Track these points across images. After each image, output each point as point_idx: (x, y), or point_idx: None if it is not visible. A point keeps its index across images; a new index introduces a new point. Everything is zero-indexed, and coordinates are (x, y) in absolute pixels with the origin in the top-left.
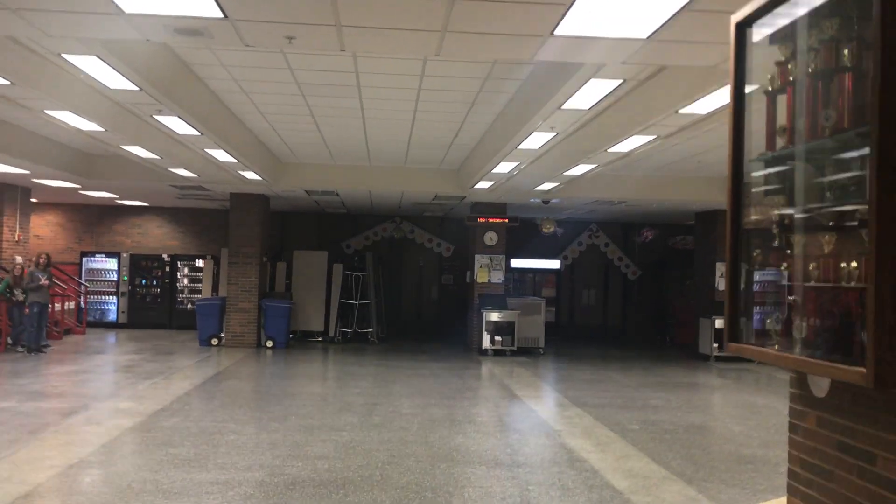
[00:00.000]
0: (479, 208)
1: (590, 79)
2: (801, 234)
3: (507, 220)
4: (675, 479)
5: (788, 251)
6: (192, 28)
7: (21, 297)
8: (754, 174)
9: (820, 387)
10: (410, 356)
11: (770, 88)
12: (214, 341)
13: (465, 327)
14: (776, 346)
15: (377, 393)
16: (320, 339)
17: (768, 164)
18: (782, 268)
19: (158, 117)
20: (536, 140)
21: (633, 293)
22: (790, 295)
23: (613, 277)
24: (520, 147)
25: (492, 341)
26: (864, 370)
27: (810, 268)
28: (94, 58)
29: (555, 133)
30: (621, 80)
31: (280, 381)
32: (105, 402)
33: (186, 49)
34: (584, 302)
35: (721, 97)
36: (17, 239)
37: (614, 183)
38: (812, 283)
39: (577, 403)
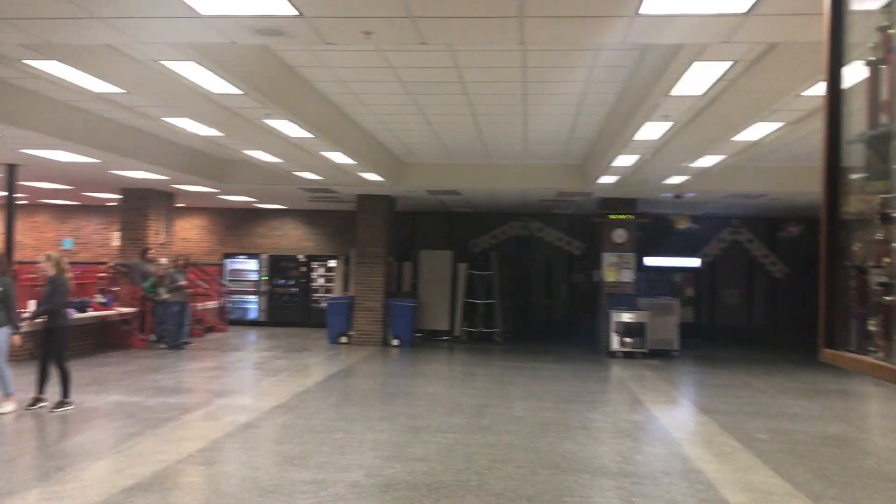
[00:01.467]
0: (607, 204)
1: (693, 62)
2: None
3: (633, 216)
4: (799, 496)
5: (894, 244)
6: (271, 28)
7: (166, 297)
8: (854, 157)
9: None
10: (534, 357)
11: (872, 58)
12: (343, 339)
13: (595, 329)
14: (881, 355)
15: (491, 394)
16: (446, 338)
17: (869, 145)
18: (884, 263)
19: (268, 121)
20: (652, 130)
21: (780, 292)
22: (890, 295)
23: (758, 276)
24: (635, 138)
25: (621, 343)
26: None
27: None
28: (193, 63)
29: (670, 122)
30: (731, 63)
31: (397, 379)
32: (226, 399)
33: (288, 52)
34: (725, 302)
35: (849, 77)
36: (161, 241)
37: (751, 175)
38: None
39: (705, 410)
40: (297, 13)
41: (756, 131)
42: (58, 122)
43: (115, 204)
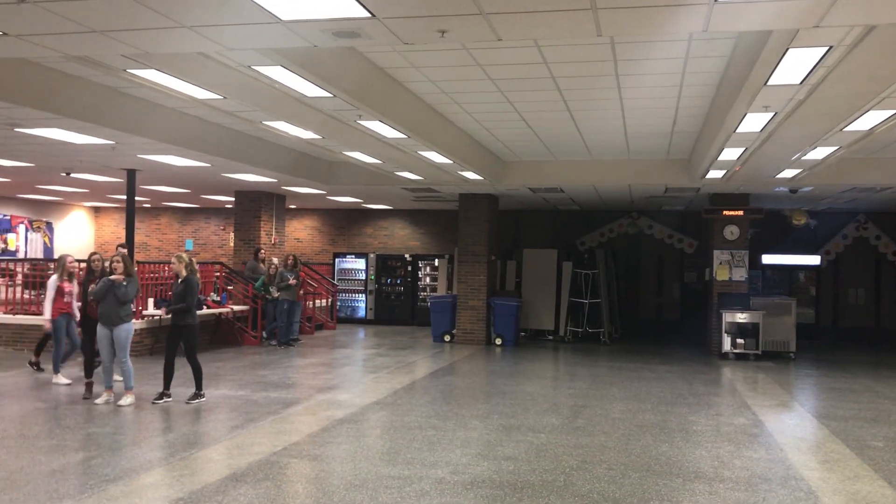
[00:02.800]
0: (717, 200)
1: (787, 49)
2: None
3: (743, 212)
4: None
5: None
6: (348, 30)
7: (276, 295)
8: None
9: None
10: (640, 358)
11: None
12: (447, 338)
13: (706, 329)
14: None
15: (590, 395)
16: (551, 337)
17: None
18: None
19: (362, 122)
20: (754, 122)
21: None
22: None
23: (887, 274)
24: (738, 131)
25: (733, 344)
26: None
27: None
28: (280, 68)
29: (772, 113)
30: (827, 47)
31: (496, 378)
32: (327, 394)
33: (375, 54)
34: (850, 301)
35: None
36: (273, 242)
37: (871, 167)
38: None
39: (816, 414)
40: (369, 14)
41: (868, 120)
42: (168, 128)
43: (230, 206)
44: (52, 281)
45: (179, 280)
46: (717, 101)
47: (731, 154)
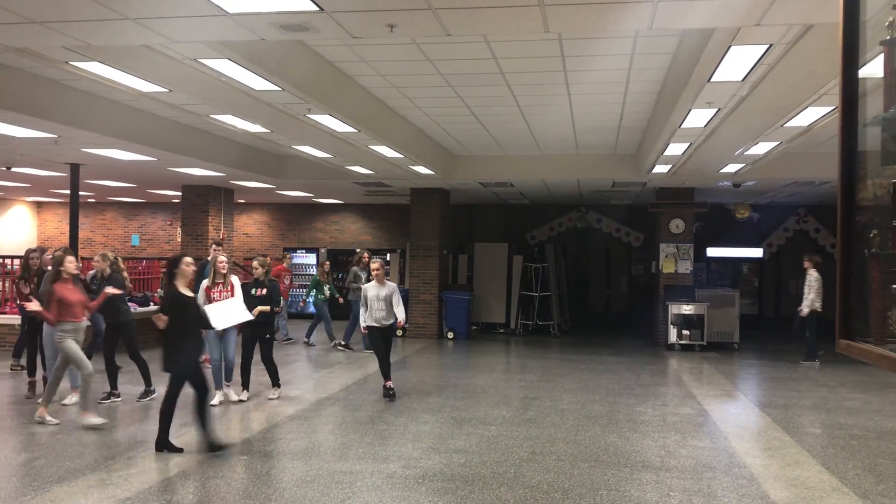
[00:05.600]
0: (663, 194)
1: (730, 46)
2: None
3: (691, 206)
4: (847, 493)
5: None
6: (296, 23)
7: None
8: (870, 140)
9: None
10: (589, 350)
11: (888, 37)
12: (399, 332)
13: (653, 321)
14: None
15: (541, 387)
16: (502, 330)
17: (884, 128)
18: None
19: (312, 116)
20: (698, 118)
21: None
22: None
23: (826, 266)
24: (683, 126)
25: (679, 335)
26: None
27: None
28: (227, 61)
29: (715, 109)
30: (767, 45)
31: (448, 371)
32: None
33: (324, 48)
34: (791, 293)
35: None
36: (221, 237)
37: (811, 162)
38: None
39: (759, 403)
40: (317, 8)
41: (807, 116)
42: (113, 121)
43: (177, 201)
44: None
45: (104, 278)
46: (662, 97)
47: (676, 149)
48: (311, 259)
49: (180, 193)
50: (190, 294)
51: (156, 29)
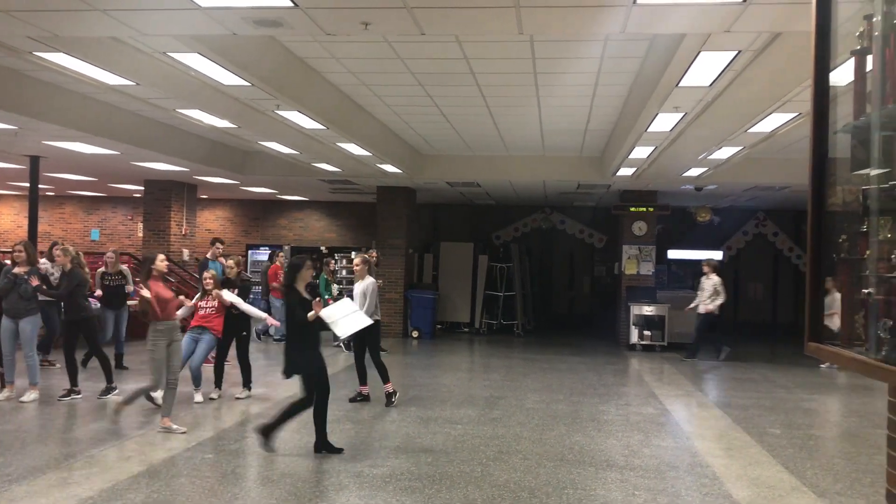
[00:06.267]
0: (626, 197)
1: (699, 52)
2: (885, 214)
3: (653, 209)
4: (806, 492)
5: (879, 237)
6: (269, 19)
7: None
8: (840, 148)
9: None
10: (552, 349)
11: (858, 47)
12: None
13: (615, 321)
14: (864, 348)
15: (505, 386)
16: (466, 330)
17: (853, 136)
18: (865, 256)
19: (280, 112)
20: (664, 122)
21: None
22: (869, 288)
23: (784, 269)
24: (649, 130)
25: (640, 336)
26: None
27: (893, 255)
28: (197, 55)
29: (682, 113)
30: (736, 52)
31: (413, 371)
32: (239, 390)
33: (295, 43)
34: (749, 295)
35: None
36: (183, 233)
37: (771, 167)
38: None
39: (719, 404)
40: (292, 4)
41: (770, 122)
42: (76, 114)
43: (139, 195)
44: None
45: (64, 273)
46: (629, 101)
47: (641, 152)
48: None
49: (142, 188)
50: (309, 297)
51: (126, 21)
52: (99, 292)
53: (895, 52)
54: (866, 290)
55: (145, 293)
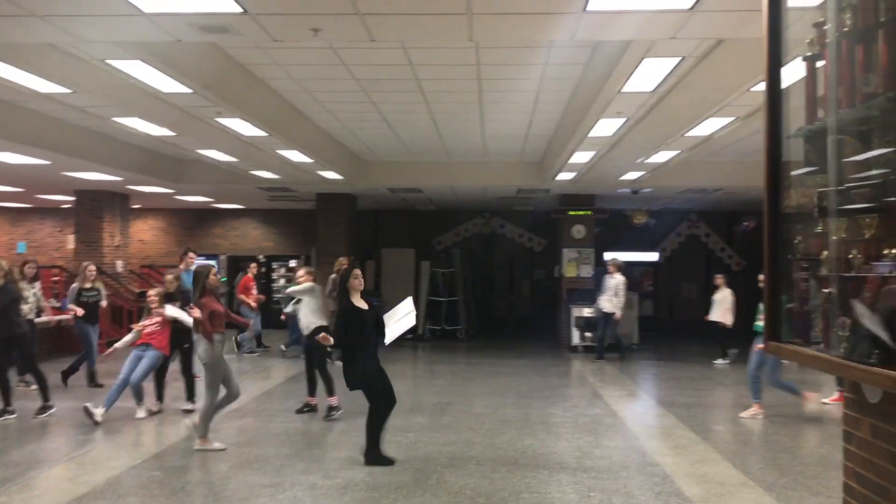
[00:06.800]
0: (566, 200)
1: (643, 58)
2: (841, 216)
3: (592, 212)
4: (754, 487)
5: (833, 237)
6: (216, 25)
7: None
8: (793, 151)
9: (874, 391)
10: (496, 353)
11: (809, 54)
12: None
13: (556, 324)
14: (821, 345)
15: (453, 392)
16: (410, 336)
17: (806, 140)
18: (822, 256)
19: (221, 120)
20: (607, 127)
21: (738, 285)
22: (828, 287)
23: (716, 269)
24: (591, 135)
25: (581, 338)
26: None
27: (851, 255)
28: (138, 62)
29: (624, 118)
30: (679, 58)
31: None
32: (186, 402)
33: (238, 50)
34: (684, 295)
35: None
36: (117, 244)
37: (705, 170)
38: (852, 273)
39: (663, 403)
40: (241, 10)
41: (708, 126)
42: (4, 122)
43: (69, 206)
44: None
45: None
46: (571, 106)
47: (582, 157)
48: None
49: (73, 199)
50: (364, 307)
51: (65, 27)
52: (80, 310)
53: (847, 59)
54: (826, 290)
55: (196, 314)
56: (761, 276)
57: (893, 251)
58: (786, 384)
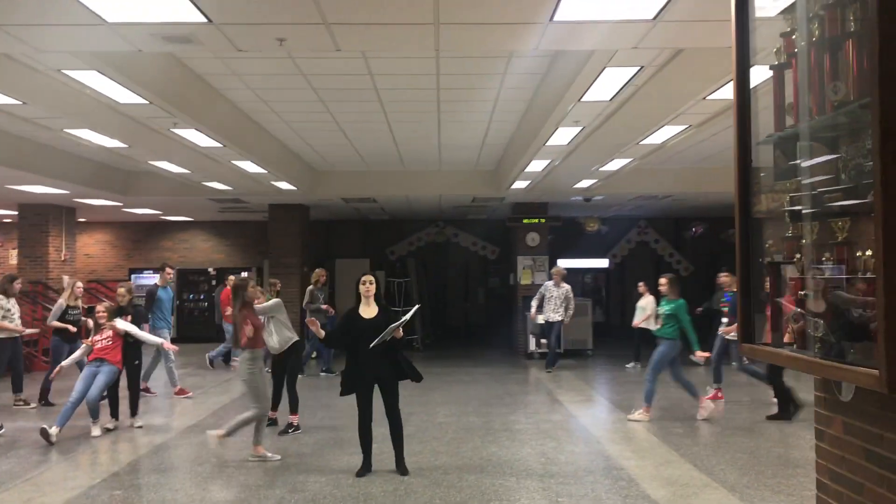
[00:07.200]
0: (519, 209)
1: (604, 67)
2: (812, 220)
3: (546, 220)
4: (717, 487)
5: (803, 241)
6: (180, 35)
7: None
8: (762, 157)
9: (847, 389)
10: (454, 362)
11: (777, 62)
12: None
13: (511, 331)
14: (794, 346)
15: (414, 401)
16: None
17: (776, 147)
18: (795, 259)
19: (176, 130)
20: (563, 135)
21: (687, 290)
22: (803, 289)
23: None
24: (548, 144)
25: (537, 344)
26: (877, 372)
27: (823, 258)
28: (95, 73)
29: (581, 127)
30: (638, 67)
31: (318, 392)
32: (142, 418)
33: (195, 60)
34: (635, 301)
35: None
36: (63, 258)
37: (655, 177)
38: (825, 276)
39: (621, 407)
40: (206, 20)
41: (662, 134)
42: None
43: (9, 220)
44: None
45: None
46: (528, 116)
47: (537, 165)
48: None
49: (15, 213)
50: (370, 315)
51: (23, 37)
52: (72, 328)
53: (817, 67)
54: (802, 292)
55: (249, 330)
56: (722, 275)
57: (858, 254)
58: (689, 384)
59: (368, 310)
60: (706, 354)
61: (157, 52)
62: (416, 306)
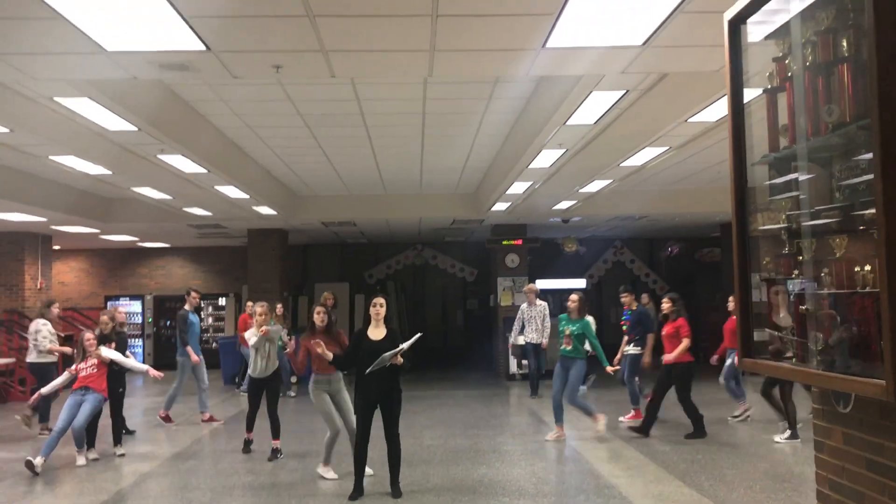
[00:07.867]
0: (498, 231)
1: (591, 91)
2: (810, 238)
3: (525, 241)
4: (707, 503)
5: (800, 258)
6: (177, 63)
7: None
8: (758, 178)
9: (845, 401)
10: (436, 384)
11: (770, 86)
12: (238, 379)
13: (492, 352)
14: (793, 360)
15: (400, 425)
16: (346, 372)
17: (772, 167)
18: (793, 275)
19: (162, 156)
20: (546, 158)
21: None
22: (802, 304)
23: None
24: (530, 166)
25: (519, 365)
26: (883, 383)
27: (822, 274)
28: (87, 100)
29: (564, 150)
30: (624, 91)
31: (301, 417)
32: (127, 447)
33: (184, 87)
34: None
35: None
36: (39, 287)
37: (633, 198)
38: (825, 290)
39: (608, 426)
40: (204, 48)
41: (643, 156)
42: None
43: None
44: None
45: None
46: (512, 139)
47: (519, 188)
48: (136, 307)
49: None
50: (378, 337)
51: (19, 66)
52: (67, 349)
53: (812, 90)
54: (803, 307)
55: (328, 354)
56: (622, 295)
57: (866, 268)
58: (583, 404)
59: (377, 332)
60: (616, 367)
61: (156, 79)
62: (419, 334)
